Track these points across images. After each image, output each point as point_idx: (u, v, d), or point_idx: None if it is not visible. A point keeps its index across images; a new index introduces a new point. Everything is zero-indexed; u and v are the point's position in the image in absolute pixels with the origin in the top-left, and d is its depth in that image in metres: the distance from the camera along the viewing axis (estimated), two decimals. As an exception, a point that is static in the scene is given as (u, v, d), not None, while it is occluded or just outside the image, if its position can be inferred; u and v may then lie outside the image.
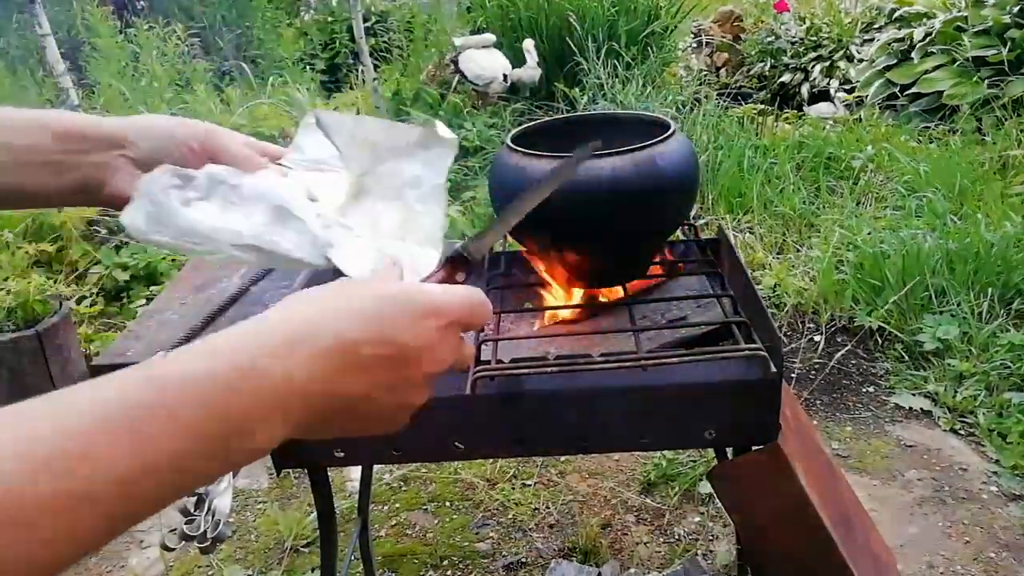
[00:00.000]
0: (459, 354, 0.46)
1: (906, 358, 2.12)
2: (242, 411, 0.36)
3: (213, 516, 1.08)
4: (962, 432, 1.88)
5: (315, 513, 1.29)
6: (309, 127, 0.69)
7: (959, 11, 3.87)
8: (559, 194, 0.71)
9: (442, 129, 0.63)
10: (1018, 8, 3.53)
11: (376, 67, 4.69)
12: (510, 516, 1.70)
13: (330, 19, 5.57)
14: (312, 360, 0.38)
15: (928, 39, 3.84)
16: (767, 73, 4.62)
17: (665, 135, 0.86)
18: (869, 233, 2.50)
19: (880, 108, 3.88)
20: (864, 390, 2.07)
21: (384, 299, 0.42)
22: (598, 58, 3.78)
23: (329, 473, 1.09)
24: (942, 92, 3.60)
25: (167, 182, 0.59)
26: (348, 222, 0.63)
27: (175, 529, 0.99)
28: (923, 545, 1.55)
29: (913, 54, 3.86)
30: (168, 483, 0.34)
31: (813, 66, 4.44)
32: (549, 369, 0.80)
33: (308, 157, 0.69)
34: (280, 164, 0.68)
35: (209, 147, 0.63)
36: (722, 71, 4.98)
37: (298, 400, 0.38)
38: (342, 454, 0.89)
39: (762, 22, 4.89)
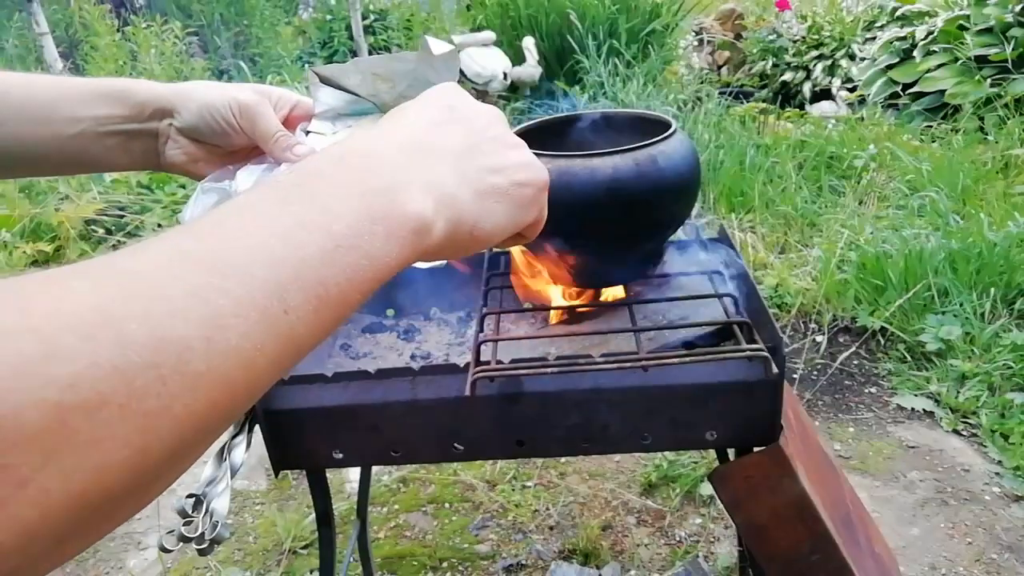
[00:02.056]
0: (489, 107, 0.47)
1: (908, 358, 2.11)
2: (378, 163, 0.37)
3: (211, 518, 1.07)
4: (964, 433, 1.87)
5: (313, 515, 1.29)
6: (316, 87, 0.69)
7: (961, 10, 3.86)
8: (559, 194, 0.69)
9: (435, 44, 0.63)
10: (1020, 7, 3.52)
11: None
12: (510, 518, 1.69)
13: (329, 17, 5.57)
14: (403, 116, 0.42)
15: (930, 38, 3.83)
16: (769, 72, 4.62)
17: (666, 134, 0.85)
18: (871, 233, 2.49)
19: (882, 107, 3.87)
20: (866, 391, 2.06)
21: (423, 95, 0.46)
22: (599, 56, 3.77)
23: (328, 475, 1.08)
24: (944, 91, 3.59)
25: (205, 206, 0.61)
26: None
27: (173, 531, 0.98)
28: (925, 546, 1.54)
29: (915, 53, 3.85)
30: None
31: (815, 65, 4.43)
32: (549, 370, 0.79)
33: (332, 107, 0.68)
34: (310, 131, 0.67)
35: (244, 123, 0.63)
36: (723, 69, 4.97)
37: (421, 143, 0.40)
38: (341, 455, 0.88)
39: (763, 20, 4.89)
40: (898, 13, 4.25)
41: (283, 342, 0.30)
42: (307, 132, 0.67)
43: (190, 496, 0.72)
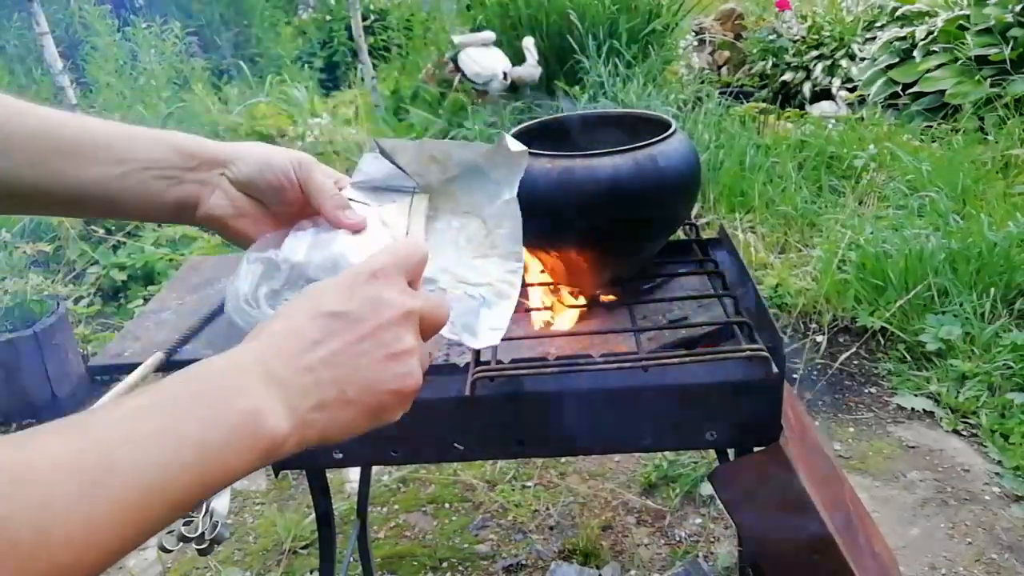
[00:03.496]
0: (407, 297, 0.48)
1: (908, 359, 2.11)
2: (223, 379, 0.41)
3: (211, 518, 1.07)
4: (964, 433, 1.87)
5: (314, 515, 1.29)
6: (372, 156, 0.68)
7: (961, 10, 3.86)
8: (559, 194, 0.70)
9: (512, 142, 0.62)
10: (1020, 7, 3.52)
11: (375, 66, 4.68)
12: (510, 518, 1.69)
13: (328, 17, 5.57)
14: (271, 337, 0.44)
15: (930, 38, 3.83)
16: (769, 72, 4.61)
17: (666, 134, 0.85)
18: (871, 233, 2.49)
19: (882, 107, 3.87)
20: (866, 391, 2.06)
21: (323, 284, 0.48)
22: (599, 56, 3.77)
23: (328, 475, 1.08)
24: (944, 91, 3.59)
25: (249, 278, 0.60)
26: (429, 244, 0.63)
27: (173, 531, 0.98)
28: (925, 546, 1.54)
29: (915, 53, 3.85)
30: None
31: (815, 65, 4.43)
32: (549, 370, 0.79)
33: (372, 178, 0.67)
34: (351, 199, 0.66)
35: (301, 175, 0.63)
36: (723, 69, 4.97)
37: (275, 361, 0.43)
38: (340, 455, 0.88)
39: (763, 20, 4.89)
40: (898, 13, 4.25)
41: (126, 530, 0.35)
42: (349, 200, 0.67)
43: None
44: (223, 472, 0.39)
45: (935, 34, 3.80)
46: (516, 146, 0.62)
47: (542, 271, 0.97)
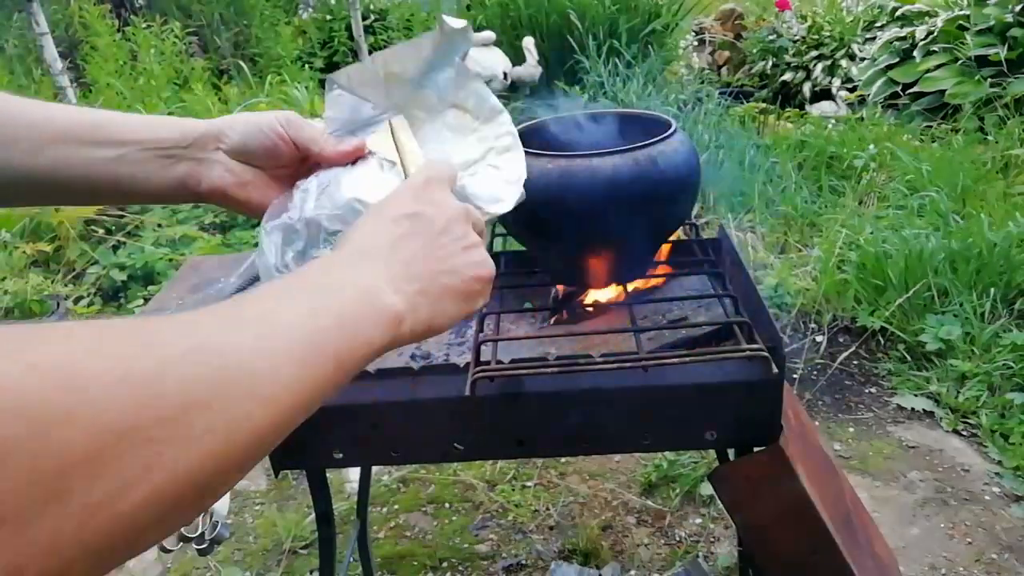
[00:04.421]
0: (457, 200, 0.54)
1: (908, 359, 2.11)
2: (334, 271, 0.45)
3: (211, 517, 1.07)
4: (964, 433, 1.87)
5: (313, 515, 1.29)
6: (333, 95, 0.69)
7: (961, 10, 3.86)
8: (559, 194, 0.70)
9: (451, 20, 0.65)
10: (1020, 7, 3.52)
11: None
12: (510, 518, 1.69)
13: (329, 17, 5.56)
14: (356, 243, 0.48)
15: (930, 38, 3.83)
16: (768, 72, 4.61)
17: (666, 134, 0.85)
18: (871, 233, 2.49)
19: (882, 107, 3.87)
20: (866, 391, 2.06)
21: (384, 199, 0.53)
22: (599, 56, 3.77)
23: (328, 475, 1.08)
24: (944, 91, 3.59)
25: (273, 249, 0.61)
26: (426, 153, 0.66)
27: (172, 531, 0.98)
28: (925, 546, 1.54)
29: (915, 53, 3.85)
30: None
31: (815, 65, 4.43)
32: (549, 370, 0.79)
33: (344, 120, 0.69)
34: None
35: (292, 131, 0.66)
36: (723, 69, 4.98)
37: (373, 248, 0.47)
38: (341, 455, 0.88)
39: (763, 20, 4.89)
40: (898, 13, 4.25)
41: (294, 401, 0.36)
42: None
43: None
44: (363, 343, 0.41)
45: (935, 34, 3.80)
46: (457, 23, 0.65)
47: (542, 271, 0.97)
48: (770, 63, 4.60)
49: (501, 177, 0.65)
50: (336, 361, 0.39)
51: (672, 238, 1.03)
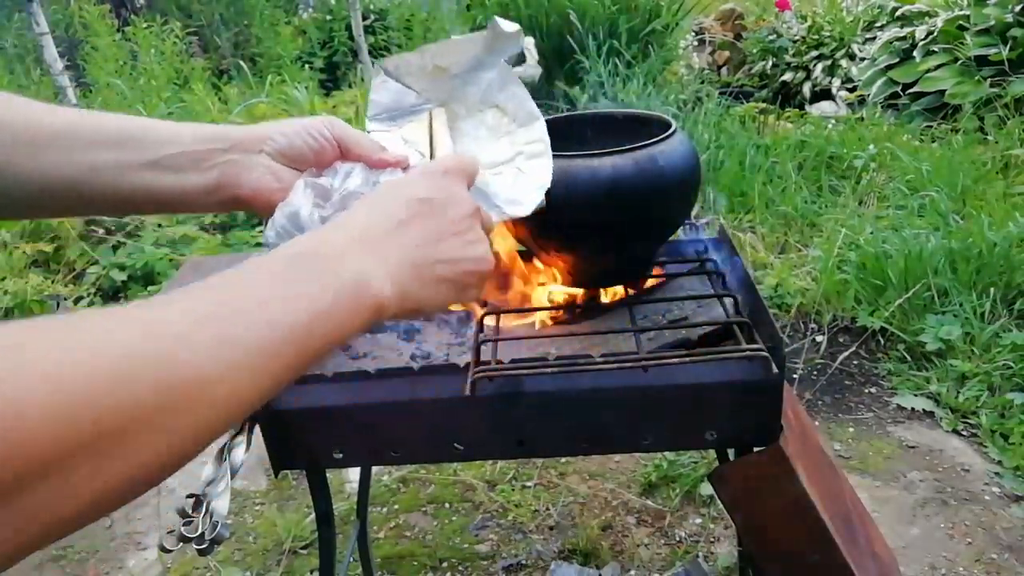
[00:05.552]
0: (470, 196, 0.55)
1: (908, 359, 2.11)
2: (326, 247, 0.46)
3: (211, 518, 1.07)
4: (964, 433, 1.87)
5: (313, 515, 1.29)
6: (379, 81, 0.71)
7: (961, 10, 3.86)
8: (559, 194, 0.70)
9: (504, 23, 0.66)
10: (1020, 7, 3.52)
11: (375, 65, 4.67)
12: (510, 518, 1.69)
13: (328, 17, 5.57)
14: (358, 220, 0.50)
15: (930, 38, 3.83)
16: (768, 72, 4.62)
17: (666, 134, 0.85)
18: (871, 233, 2.49)
19: (882, 107, 3.87)
20: (866, 391, 2.06)
21: (398, 179, 0.57)
22: (599, 56, 3.77)
23: (328, 475, 1.08)
24: (944, 91, 3.59)
25: (306, 201, 0.61)
26: (459, 149, 0.68)
27: (173, 531, 0.98)
28: (925, 546, 1.54)
29: (915, 53, 3.85)
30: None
31: (815, 65, 4.43)
32: (549, 370, 0.79)
33: (386, 107, 0.71)
34: (371, 131, 0.70)
35: (337, 133, 0.68)
36: (723, 69, 4.98)
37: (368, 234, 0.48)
38: (341, 455, 0.88)
39: (763, 20, 4.89)
40: (898, 13, 4.25)
41: (265, 382, 0.38)
42: (368, 132, 0.70)
43: (190, 496, 0.72)
44: (337, 328, 0.42)
45: (935, 34, 3.80)
46: (509, 26, 0.66)
47: (542, 271, 0.97)
48: (770, 63, 4.60)
49: (525, 181, 0.66)
50: (302, 350, 0.40)
51: (672, 238, 1.03)
